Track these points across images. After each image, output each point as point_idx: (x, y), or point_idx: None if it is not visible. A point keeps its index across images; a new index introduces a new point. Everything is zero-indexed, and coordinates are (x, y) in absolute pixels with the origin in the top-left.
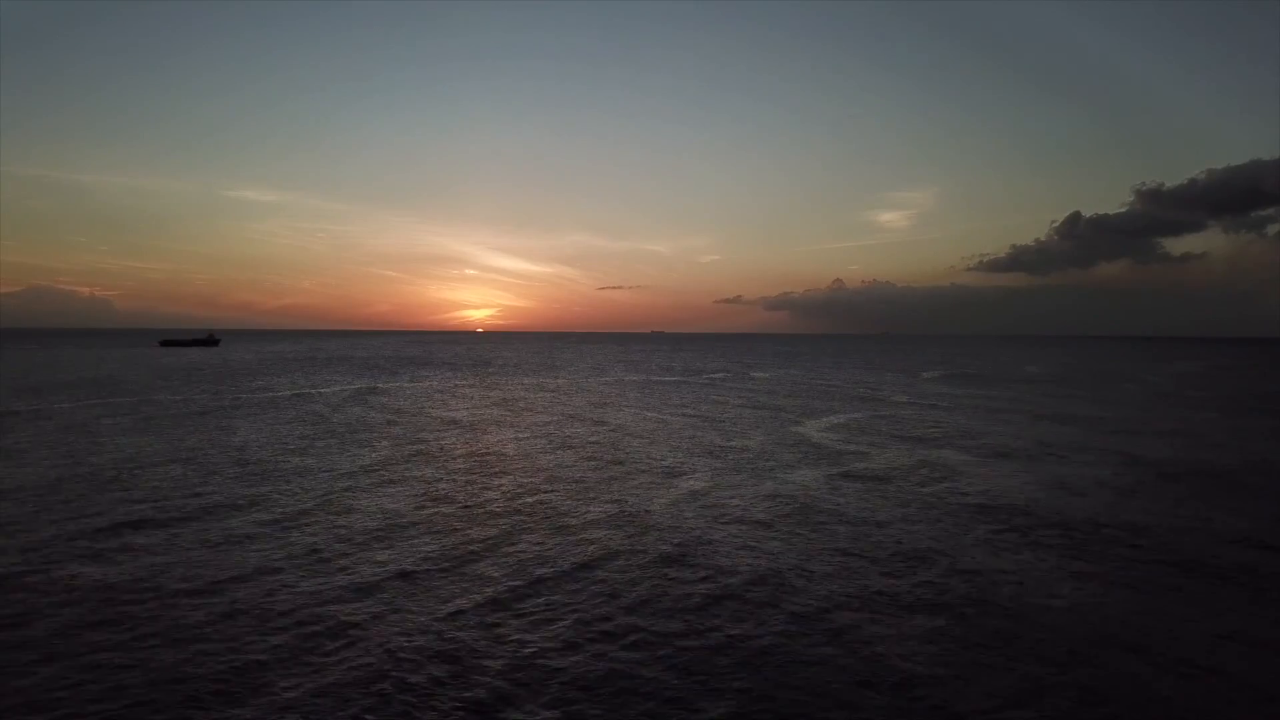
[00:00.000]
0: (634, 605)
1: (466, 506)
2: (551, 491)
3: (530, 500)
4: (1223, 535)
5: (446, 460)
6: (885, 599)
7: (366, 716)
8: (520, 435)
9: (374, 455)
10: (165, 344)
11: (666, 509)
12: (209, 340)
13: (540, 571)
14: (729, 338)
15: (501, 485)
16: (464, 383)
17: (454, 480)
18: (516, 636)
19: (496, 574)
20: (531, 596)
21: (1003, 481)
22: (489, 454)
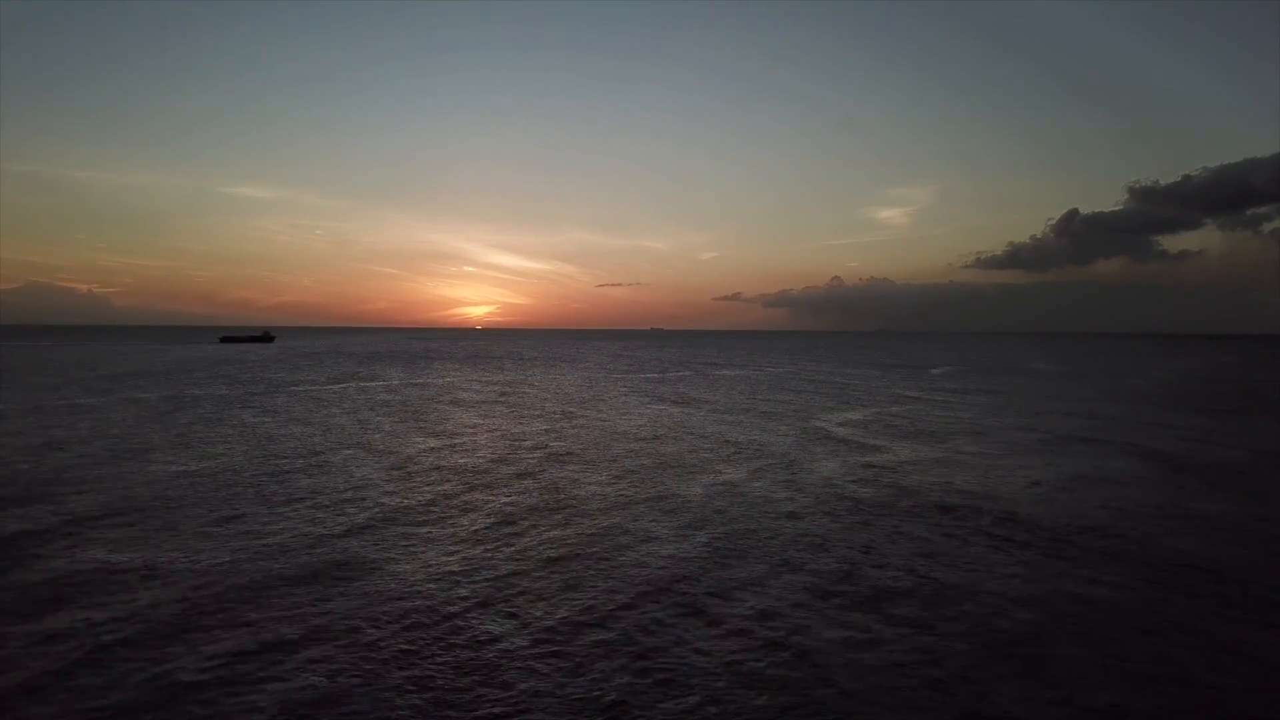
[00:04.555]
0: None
1: (573, 495)
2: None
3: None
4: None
5: (525, 450)
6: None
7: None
8: (571, 426)
9: (425, 445)
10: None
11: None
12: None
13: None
14: (730, 335)
15: (564, 476)
16: (486, 377)
17: (543, 470)
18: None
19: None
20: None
21: (1039, 473)
22: (543, 446)
